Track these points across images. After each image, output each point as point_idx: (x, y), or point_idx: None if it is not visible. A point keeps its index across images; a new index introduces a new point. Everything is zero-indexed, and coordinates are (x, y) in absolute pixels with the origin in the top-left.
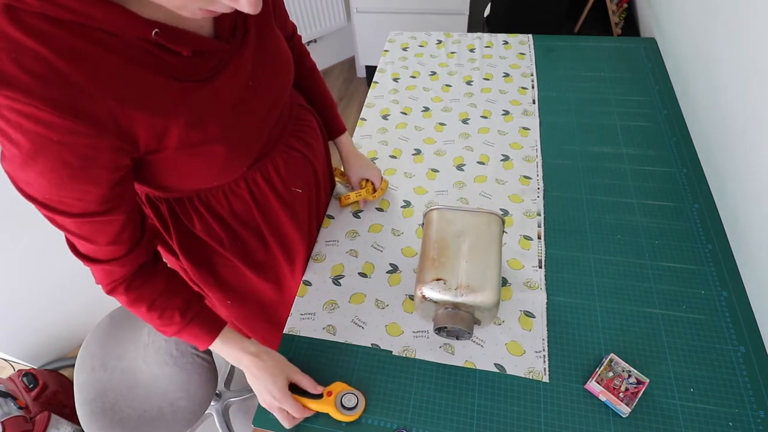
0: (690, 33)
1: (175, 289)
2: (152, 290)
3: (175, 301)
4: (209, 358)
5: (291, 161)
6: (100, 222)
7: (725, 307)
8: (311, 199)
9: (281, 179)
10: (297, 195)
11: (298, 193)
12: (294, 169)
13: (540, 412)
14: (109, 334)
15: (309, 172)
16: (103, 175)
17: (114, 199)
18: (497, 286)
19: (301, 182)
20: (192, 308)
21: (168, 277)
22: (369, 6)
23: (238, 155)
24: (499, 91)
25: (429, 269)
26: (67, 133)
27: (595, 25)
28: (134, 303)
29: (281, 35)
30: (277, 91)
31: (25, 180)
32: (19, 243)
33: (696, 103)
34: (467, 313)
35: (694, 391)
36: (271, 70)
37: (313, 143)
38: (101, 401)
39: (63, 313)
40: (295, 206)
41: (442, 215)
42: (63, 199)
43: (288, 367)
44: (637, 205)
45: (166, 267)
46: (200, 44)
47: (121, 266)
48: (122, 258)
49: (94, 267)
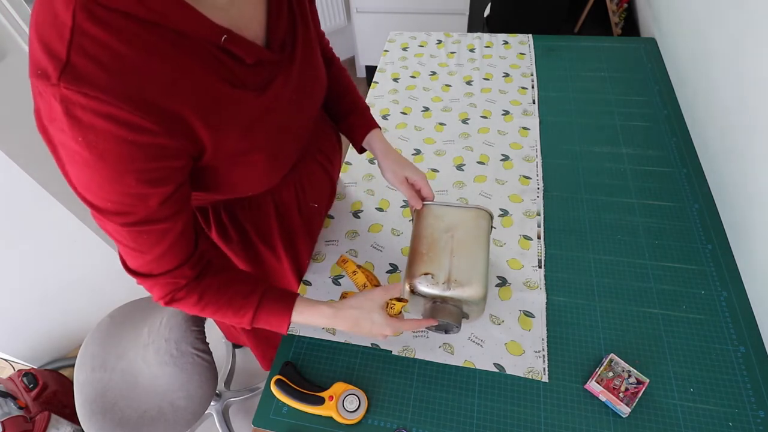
0: (690, 33)
1: (235, 277)
2: (213, 289)
3: (240, 287)
4: (209, 358)
5: (314, 176)
6: (157, 230)
7: (725, 307)
8: (324, 212)
9: (304, 193)
10: (314, 210)
11: (315, 207)
12: (314, 183)
13: (540, 412)
14: (109, 334)
15: (326, 184)
16: (169, 178)
17: (174, 205)
18: (485, 280)
19: (318, 195)
20: (258, 287)
21: (224, 269)
22: (369, 6)
23: (275, 167)
24: (499, 91)
25: (418, 264)
26: (140, 131)
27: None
28: (199, 307)
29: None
30: (314, 107)
31: (86, 184)
32: (19, 244)
33: (696, 103)
34: (455, 307)
35: (694, 391)
36: (311, 88)
37: (333, 158)
38: (101, 401)
39: (63, 313)
40: (312, 222)
41: (431, 211)
42: (124, 205)
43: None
44: (637, 205)
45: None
46: (259, 53)
47: (173, 278)
48: (175, 270)
49: (146, 282)
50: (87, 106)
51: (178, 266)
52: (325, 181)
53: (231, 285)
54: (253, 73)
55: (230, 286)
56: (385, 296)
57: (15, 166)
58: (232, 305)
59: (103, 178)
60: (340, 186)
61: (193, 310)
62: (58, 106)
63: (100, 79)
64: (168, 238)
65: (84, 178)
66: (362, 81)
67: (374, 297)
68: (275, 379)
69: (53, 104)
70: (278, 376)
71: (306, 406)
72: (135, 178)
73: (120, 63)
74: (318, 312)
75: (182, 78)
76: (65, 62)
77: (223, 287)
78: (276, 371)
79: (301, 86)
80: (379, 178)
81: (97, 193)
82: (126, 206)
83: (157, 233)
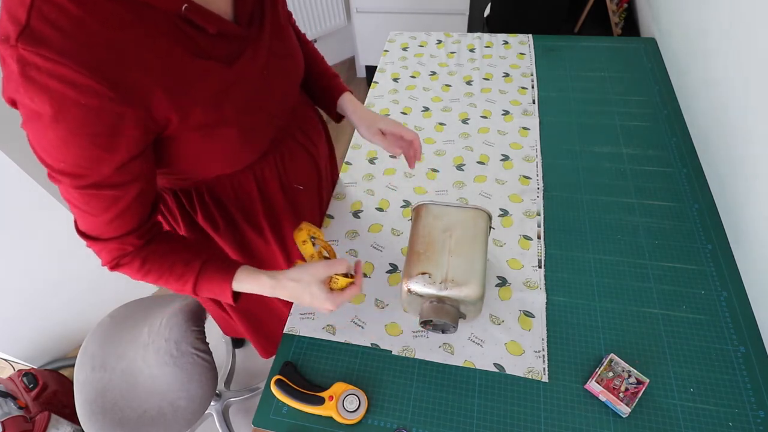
0: (690, 33)
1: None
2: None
3: (182, 255)
4: (209, 358)
5: (295, 156)
6: (108, 196)
7: (725, 307)
8: (313, 198)
9: (286, 174)
10: (299, 192)
11: (300, 189)
12: (297, 165)
13: (540, 412)
14: (109, 334)
15: (310, 166)
16: (123, 145)
17: (127, 173)
18: (482, 281)
19: (303, 178)
20: (201, 255)
21: (170, 239)
22: (369, 6)
23: (250, 142)
24: (499, 91)
25: (415, 263)
26: (96, 96)
27: (595, 25)
28: (142, 272)
29: (293, 34)
30: (289, 85)
31: (43, 144)
32: (19, 244)
33: (696, 103)
34: (452, 307)
35: (694, 391)
36: (284, 63)
37: (317, 141)
38: (101, 401)
39: (63, 313)
40: (297, 204)
41: (429, 210)
42: (77, 167)
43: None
44: (637, 205)
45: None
46: (223, 25)
47: (121, 244)
48: (123, 237)
49: (95, 246)
50: (43, 67)
51: (126, 233)
52: (307, 162)
53: (174, 253)
54: (217, 44)
55: (173, 253)
56: (328, 271)
57: (15, 166)
58: (174, 272)
59: (58, 138)
60: (340, 186)
61: (136, 275)
62: (15, 66)
63: (57, 42)
64: (119, 205)
65: (38, 138)
66: (362, 81)
67: (315, 271)
68: (275, 379)
69: (11, 65)
70: (278, 376)
71: (306, 406)
72: (89, 142)
73: (79, 29)
74: (258, 282)
75: (143, 47)
76: (24, 25)
77: (167, 254)
78: (276, 371)
79: (273, 63)
80: (379, 178)
81: (51, 154)
82: (79, 168)
83: (108, 199)
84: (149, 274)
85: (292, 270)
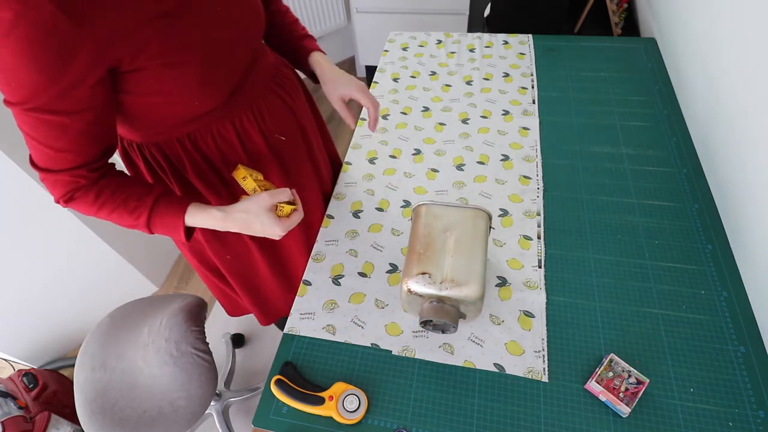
0: (690, 33)
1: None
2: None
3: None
4: (209, 358)
5: (273, 107)
6: (56, 123)
7: (725, 307)
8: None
9: (265, 124)
10: (282, 143)
11: (282, 140)
12: (276, 115)
13: (540, 412)
14: (109, 334)
15: (289, 117)
16: (72, 70)
17: (75, 102)
18: (482, 281)
19: (282, 127)
20: (154, 191)
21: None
22: (369, 6)
23: (215, 75)
24: (499, 91)
25: (415, 263)
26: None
27: (595, 25)
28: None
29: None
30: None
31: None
32: (20, 244)
33: (696, 103)
34: (452, 307)
35: (694, 391)
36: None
37: (294, 96)
38: (101, 401)
39: (63, 313)
40: (282, 154)
41: (429, 210)
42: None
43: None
44: (637, 205)
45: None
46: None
47: (72, 176)
48: (74, 170)
49: (48, 178)
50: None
51: (77, 166)
52: (286, 112)
53: (128, 186)
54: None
55: (127, 187)
56: (272, 200)
57: (15, 166)
58: (127, 206)
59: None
60: (340, 186)
61: (89, 210)
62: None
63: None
64: (67, 135)
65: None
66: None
67: (261, 201)
68: (275, 379)
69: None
70: (278, 376)
71: (306, 406)
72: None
73: None
74: (209, 215)
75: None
76: None
77: (121, 187)
78: (276, 371)
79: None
80: (379, 178)
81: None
82: (26, 89)
83: (56, 126)
84: (103, 207)
85: (240, 203)
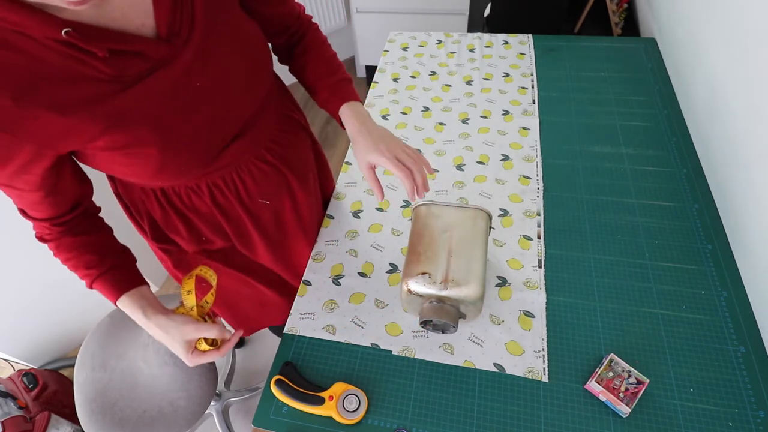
0: (690, 33)
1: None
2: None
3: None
4: None
5: (261, 174)
6: (18, 194)
7: (725, 307)
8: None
9: (246, 190)
10: (264, 206)
11: (265, 204)
12: (264, 182)
13: (540, 412)
14: (109, 334)
15: (282, 185)
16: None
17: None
18: (482, 281)
19: (270, 195)
20: (104, 264)
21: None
22: (369, 6)
23: (179, 159)
24: (499, 91)
25: (415, 263)
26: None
27: (595, 25)
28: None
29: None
30: (237, 91)
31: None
32: (19, 244)
33: (696, 103)
34: (452, 307)
35: (694, 391)
36: (226, 69)
37: (290, 157)
38: (101, 401)
39: (63, 313)
40: (261, 217)
41: (429, 210)
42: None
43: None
44: (637, 205)
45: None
46: (122, 43)
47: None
48: (39, 221)
49: (26, 218)
50: None
51: (42, 219)
52: (277, 180)
53: (83, 252)
54: (119, 64)
55: (81, 253)
56: (195, 334)
57: None
58: (78, 270)
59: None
60: (340, 186)
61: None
62: None
63: None
64: (26, 199)
65: None
66: (362, 81)
67: (183, 331)
68: (275, 379)
69: None
70: (278, 376)
71: (306, 406)
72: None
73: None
74: (134, 314)
75: (23, 80)
76: None
77: (76, 250)
78: (276, 371)
79: (210, 70)
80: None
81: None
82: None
83: (15, 195)
84: (63, 262)
85: (168, 318)
